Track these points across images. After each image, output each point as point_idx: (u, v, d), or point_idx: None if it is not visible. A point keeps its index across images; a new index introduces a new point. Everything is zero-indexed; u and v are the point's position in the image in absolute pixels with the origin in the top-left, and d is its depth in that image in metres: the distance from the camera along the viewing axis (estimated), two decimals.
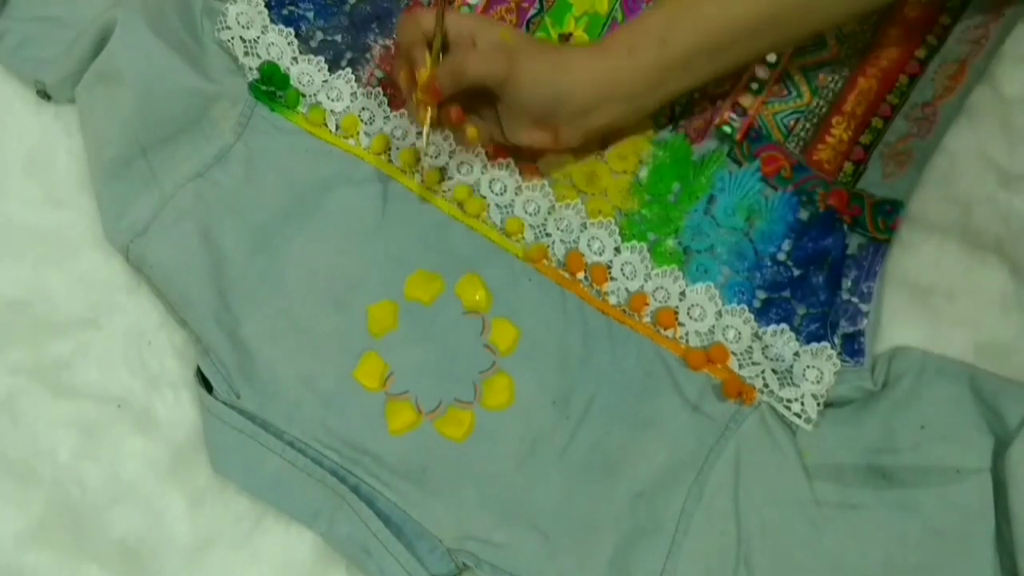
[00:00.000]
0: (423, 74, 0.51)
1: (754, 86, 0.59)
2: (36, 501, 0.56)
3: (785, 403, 0.54)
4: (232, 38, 0.61)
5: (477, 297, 0.57)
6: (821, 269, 0.56)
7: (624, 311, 0.57)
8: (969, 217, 0.57)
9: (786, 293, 0.56)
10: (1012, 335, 0.55)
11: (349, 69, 0.61)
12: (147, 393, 0.58)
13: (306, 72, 0.61)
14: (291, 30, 0.61)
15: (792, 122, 0.59)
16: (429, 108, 0.53)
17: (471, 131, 0.54)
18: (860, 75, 0.59)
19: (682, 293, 0.57)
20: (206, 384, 0.57)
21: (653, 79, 0.52)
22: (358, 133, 0.61)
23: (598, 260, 0.57)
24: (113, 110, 0.58)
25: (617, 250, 0.58)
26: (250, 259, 0.58)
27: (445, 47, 0.53)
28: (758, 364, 0.55)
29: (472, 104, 0.54)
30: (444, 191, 0.60)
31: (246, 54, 0.61)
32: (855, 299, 0.56)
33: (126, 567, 0.55)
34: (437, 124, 0.54)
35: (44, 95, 0.61)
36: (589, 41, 0.60)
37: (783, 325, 0.55)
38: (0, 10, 0.61)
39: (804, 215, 0.57)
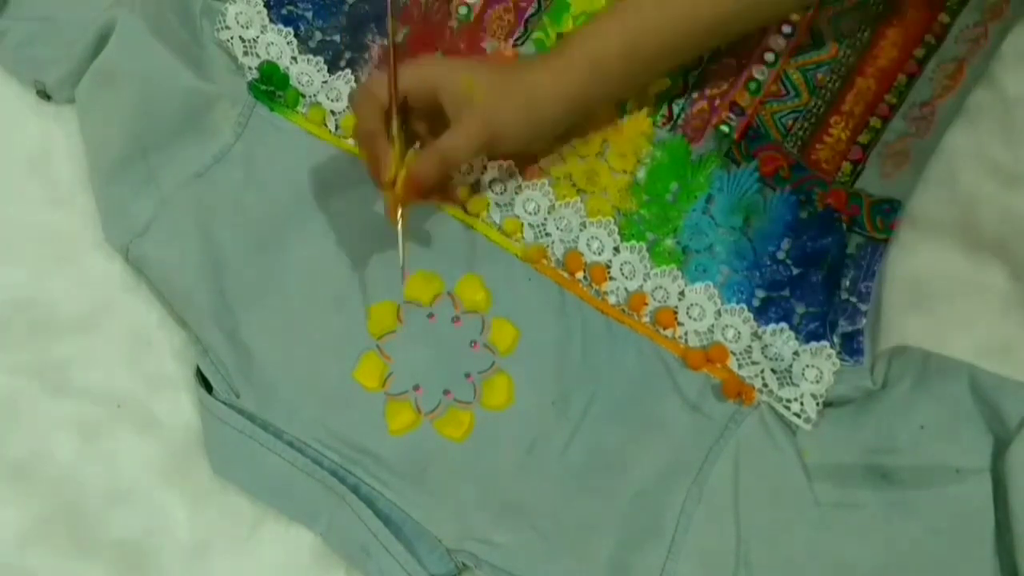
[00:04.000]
0: (393, 174, 0.49)
1: (752, 86, 0.59)
2: (36, 501, 0.56)
3: (784, 403, 0.54)
4: (231, 38, 0.61)
5: (476, 297, 0.57)
6: (820, 268, 0.56)
7: (623, 311, 0.57)
8: (969, 217, 0.57)
9: (785, 292, 0.56)
10: (1012, 335, 0.55)
11: (348, 70, 0.61)
12: (147, 393, 0.58)
13: (305, 72, 0.61)
14: (290, 30, 0.62)
15: (790, 122, 0.59)
16: (402, 207, 0.50)
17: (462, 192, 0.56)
18: (858, 75, 0.59)
19: (681, 293, 0.57)
20: (206, 384, 0.57)
21: (616, 89, 0.54)
22: None
23: (597, 260, 0.57)
24: (113, 110, 0.58)
25: (616, 250, 0.58)
26: (250, 259, 0.58)
27: (406, 110, 0.50)
28: (757, 363, 0.55)
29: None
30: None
31: (245, 54, 0.61)
32: (854, 299, 0.56)
33: (126, 567, 0.55)
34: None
35: (44, 95, 0.61)
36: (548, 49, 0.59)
37: (782, 324, 0.55)
38: (0, 10, 0.61)
39: (803, 214, 0.57)
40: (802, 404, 0.54)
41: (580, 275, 0.58)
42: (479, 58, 0.54)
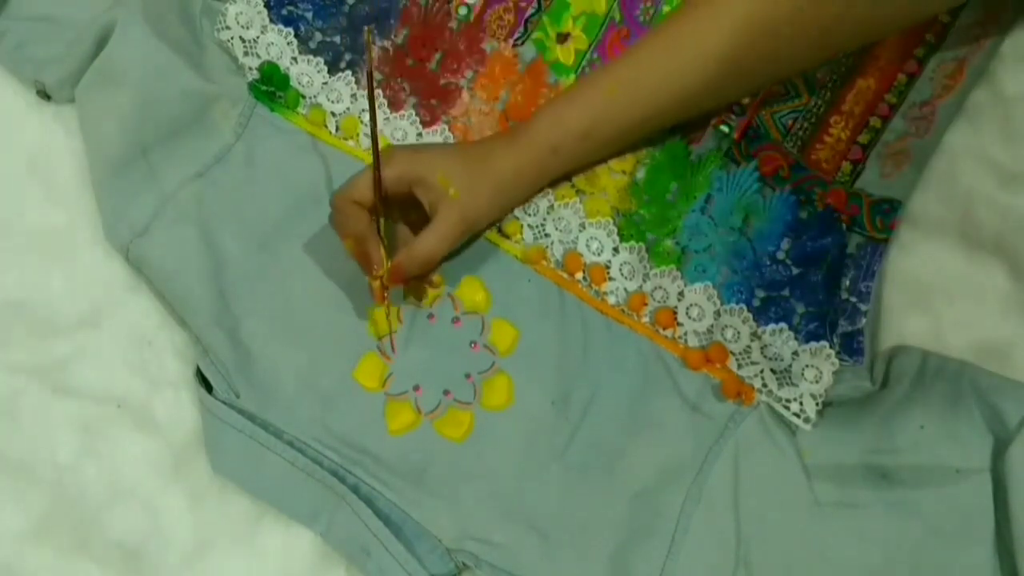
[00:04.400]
0: (383, 267, 0.53)
1: None
2: (36, 501, 0.56)
3: (784, 403, 0.54)
4: (231, 38, 0.61)
5: (476, 298, 0.57)
6: (820, 268, 0.56)
7: (623, 311, 0.57)
8: (969, 217, 0.57)
9: (785, 292, 0.56)
10: (1012, 335, 0.55)
11: (349, 71, 0.62)
12: (147, 393, 0.58)
13: (306, 73, 0.61)
14: (290, 30, 0.62)
15: (790, 121, 0.59)
16: (389, 292, 0.55)
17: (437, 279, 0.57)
18: (858, 74, 0.59)
19: (680, 293, 0.57)
20: (206, 384, 0.57)
21: (577, 165, 0.57)
22: (358, 134, 0.61)
23: (596, 260, 0.57)
24: (113, 110, 0.58)
25: (615, 250, 0.58)
26: (250, 259, 0.58)
27: (386, 198, 0.53)
28: (757, 363, 0.55)
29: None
30: None
31: (246, 54, 0.61)
32: (853, 298, 0.55)
33: (126, 567, 0.56)
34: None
35: (44, 95, 0.61)
36: (506, 129, 0.59)
37: (782, 324, 0.55)
38: (0, 10, 0.61)
39: (803, 214, 0.57)
40: (801, 404, 0.54)
41: (580, 276, 0.58)
42: (446, 148, 0.56)
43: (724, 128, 0.58)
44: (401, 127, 0.61)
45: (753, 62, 0.52)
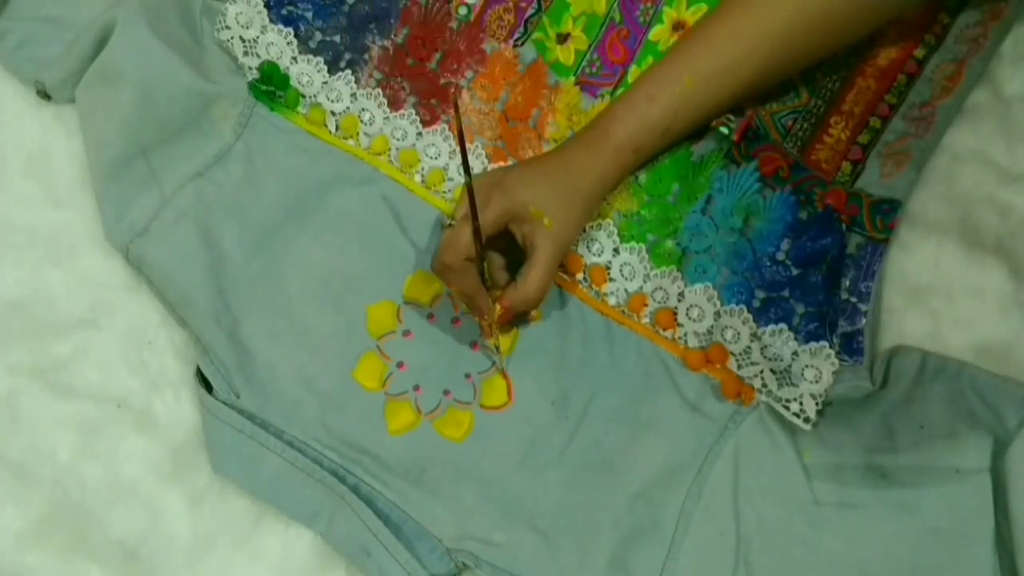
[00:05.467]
0: (494, 315, 0.53)
1: None
2: (36, 501, 0.56)
3: (784, 403, 0.54)
4: (231, 38, 0.61)
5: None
6: (820, 268, 0.56)
7: (623, 312, 0.57)
8: (968, 217, 0.57)
9: (785, 293, 0.56)
10: (1012, 335, 0.55)
11: (349, 71, 0.62)
12: (147, 393, 0.58)
13: (305, 72, 0.61)
14: (290, 30, 0.62)
15: (790, 122, 0.59)
16: (499, 332, 0.55)
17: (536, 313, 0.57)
18: (858, 75, 0.59)
19: (681, 294, 0.57)
20: (206, 384, 0.57)
21: (648, 159, 0.57)
22: (358, 134, 0.61)
23: (597, 261, 0.57)
24: (113, 110, 0.58)
25: (616, 251, 0.58)
26: (250, 259, 0.58)
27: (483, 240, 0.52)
28: (757, 364, 0.55)
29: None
30: (444, 191, 0.60)
31: (245, 54, 0.61)
32: (853, 299, 0.55)
33: (126, 567, 0.56)
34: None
35: (44, 95, 0.61)
36: (583, 135, 0.57)
37: (782, 325, 0.55)
38: (0, 10, 0.61)
39: (803, 215, 0.57)
40: (801, 404, 0.54)
41: (580, 276, 0.58)
42: (530, 173, 0.54)
43: (723, 130, 0.58)
44: (401, 126, 0.61)
45: (812, 37, 0.53)
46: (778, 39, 0.53)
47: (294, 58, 0.62)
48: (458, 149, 0.54)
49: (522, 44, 0.61)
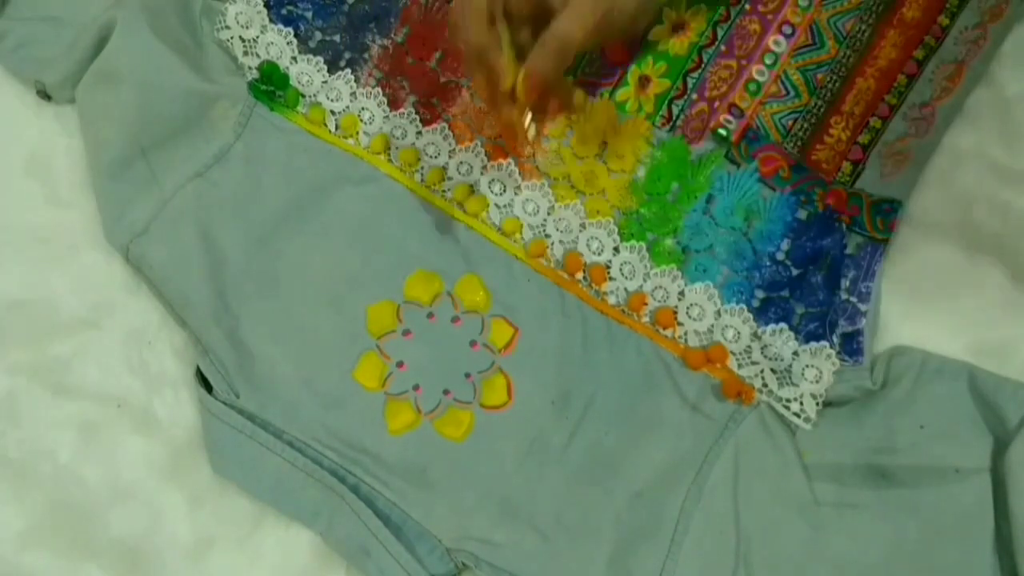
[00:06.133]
0: (511, 76, 0.46)
1: (751, 87, 0.59)
2: (36, 501, 0.56)
3: (784, 403, 0.54)
4: (231, 38, 0.61)
5: (476, 297, 0.57)
6: (820, 268, 0.56)
7: (623, 311, 0.57)
8: (969, 217, 0.57)
9: (785, 292, 0.56)
10: (1012, 335, 0.55)
11: (348, 70, 0.62)
12: (147, 393, 0.58)
13: (305, 72, 0.61)
14: (290, 30, 0.62)
15: (790, 122, 0.59)
16: (528, 108, 0.48)
17: (579, 97, 0.49)
18: (858, 75, 0.59)
19: (681, 293, 0.57)
20: (206, 384, 0.57)
21: None
22: (358, 133, 0.61)
23: (597, 260, 0.57)
24: (113, 110, 0.58)
25: (616, 250, 0.58)
26: (250, 259, 0.58)
27: (509, 17, 0.46)
28: (757, 364, 0.55)
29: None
30: (444, 190, 0.60)
31: (245, 54, 0.61)
32: (854, 299, 0.55)
33: (126, 567, 0.56)
34: (535, 116, 0.49)
35: (44, 95, 0.61)
36: None
37: (782, 324, 0.55)
38: (0, 10, 0.61)
39: (803, 215, 0.57)
40: (802, 404, 0.54)
41: (580, 275, 0.58)
42: None
43: (722, 132, 0.58)
44: (401, 125, 0.61)
45: None
46: None
47: (294, 58, 0.62)
48: None
49: None
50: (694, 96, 0.59)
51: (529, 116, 0.47)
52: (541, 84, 0.46)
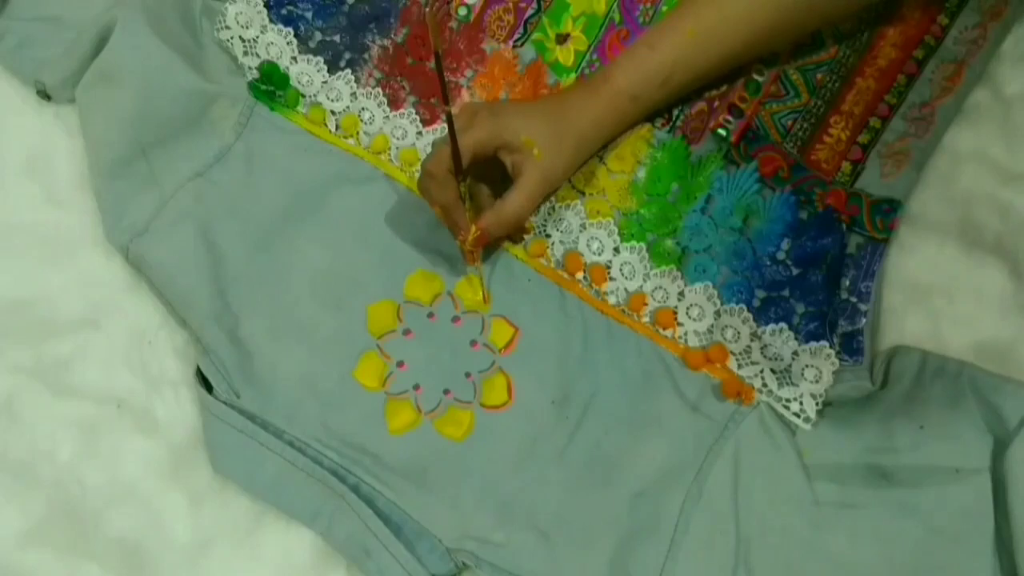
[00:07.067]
0: (472, 234, 0.53)
1: (751, 87, 0.59)
2: (36, 501, 0.56)
3: (784, 403, 0.54)
4: (231, 38, 0.61)
5: (476, 297, 0.57)
6: (820, 268, 0.56)
7: (623, 311, 0.57)
8: (969, 217, 0.57)
9: (785, 292, 0.56)
10: (1012, 335, 0.55)
11: (348, 70, 0.62)
12: (147, 393, 0.58)
13: (305, 72, 0.61)
14: (290, 30, 0.62)
15: (790, 122, 0.59)
16: (478, 254, 0.56)
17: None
18: (858, 75, 0.59)
19: (681, 293, 0.57)
20: (206, 384, 0.57)
21: (650, 111, 0.58)
22: (358, 133, 0.61)
23: (597, 260, 0.57)
24: (113, 110, 0.58)
25: (616, 250, 0.58)
26: (250, 259, 0.58)
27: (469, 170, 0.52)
28: (757, 363, 0.55)
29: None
30: None
31: (245, 54, 0.61)
32: (853, 298, 0.55)
33: (126, 567, 0.55)
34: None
35: (44, 95, 0.61)
36: (583, 79, 0.60)
37: (782, 324, 0.55)
38: (0, 10, 0.61)
39: (802, 215, 0.57)
40: (801, 404, 0.54)
41: (580, 276, 0.58)
42: (526, 107, 0.55)
43: (721, 132, 0.58)
44: (401, 125, 0.61)
45: None
46: None
47: (294, 58, 0.62)
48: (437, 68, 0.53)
49: (522, 44, 0.61)
50: (693, 96, 0.59)
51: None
52: (487, 241, 0.54)
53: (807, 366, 0.54)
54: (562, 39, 0.61)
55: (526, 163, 0.52)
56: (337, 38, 0.62)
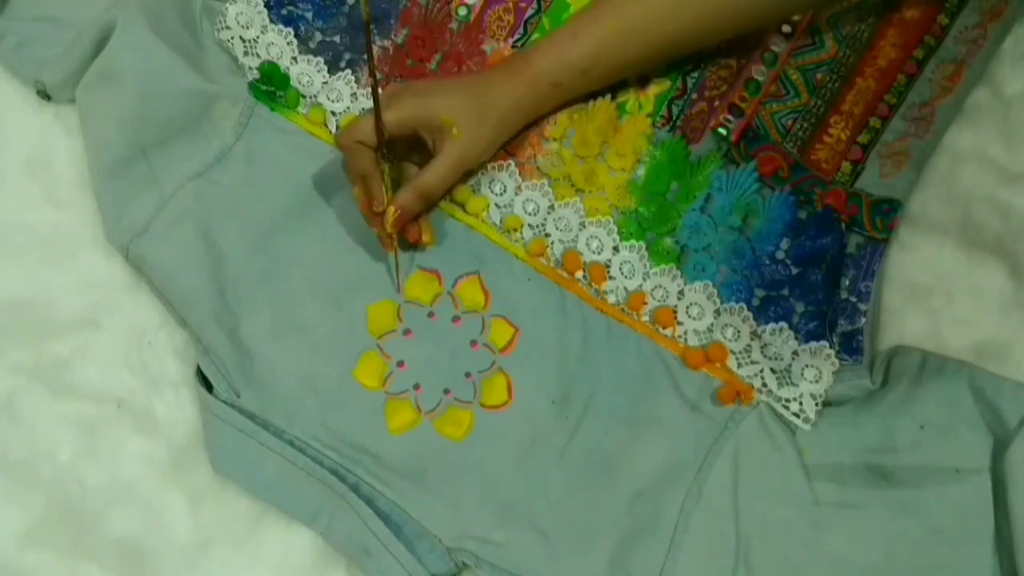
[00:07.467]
0: (390, 214, 0.54)
1: (751, 87, 0.59)
2: (36, 501, 0.56)
3: (784, 403, 0.54)
4: (232, 38, 0.61)
5: (476, 297, 0.57)
6: (820, 268, 0.56)
7: (623, 310, 0.57)
8: (969, 216, 0.57)
9: (784, 291, 0.56)
10: (1012, 335, 0.55)
11: (349, 70, 0.62)
12: (147, 393, 0.58)
13: (306, 72, 0.61)
14: (290, 30, 0.62)
15: (790, 122, 0.59)
16: (396, 236, 0.56)
17: (427, 238, 0.57)
18: (858, 75, 0.59)
19: (680, 292, 0.57)
20: (206, 384, 0.57)
21: (571, 98, 0.58)
22: None
23: (596, 259, 0.58)
24: (113, 110, 0.58)
25: (616, 249, 0.58)
26: (250, 259, 0.58)
27: (391, 143, 0.54)
28: (757, 363, 0.55)
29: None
30: None
31: (246, 54, 0.61)
32: (853, 298, 0.56)
33: (126, 567, 0.55)
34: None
35: (44, 95, 0.61)
36: (507, 60, 0.59)
37: (782, 323, 0.55)
38: (0, 10, 0.61)
39: (802, 214, 0.57)
40: (801, 404, 0.54)
41: (579, 275, 0.58)
42: (448, 86, 0.56)
43: (721, 131, 0.58)
44: None
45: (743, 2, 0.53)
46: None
47: (294, 58, 0.62)
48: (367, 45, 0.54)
49: (521, 45, 0.61)
50: (694, 96, 0.59)
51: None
52: (406, 217, 0.55)
53: (807, 366, 0.54)
54: None
55: (445, 141, 0.54)
56: (337, 38, 0.62)
